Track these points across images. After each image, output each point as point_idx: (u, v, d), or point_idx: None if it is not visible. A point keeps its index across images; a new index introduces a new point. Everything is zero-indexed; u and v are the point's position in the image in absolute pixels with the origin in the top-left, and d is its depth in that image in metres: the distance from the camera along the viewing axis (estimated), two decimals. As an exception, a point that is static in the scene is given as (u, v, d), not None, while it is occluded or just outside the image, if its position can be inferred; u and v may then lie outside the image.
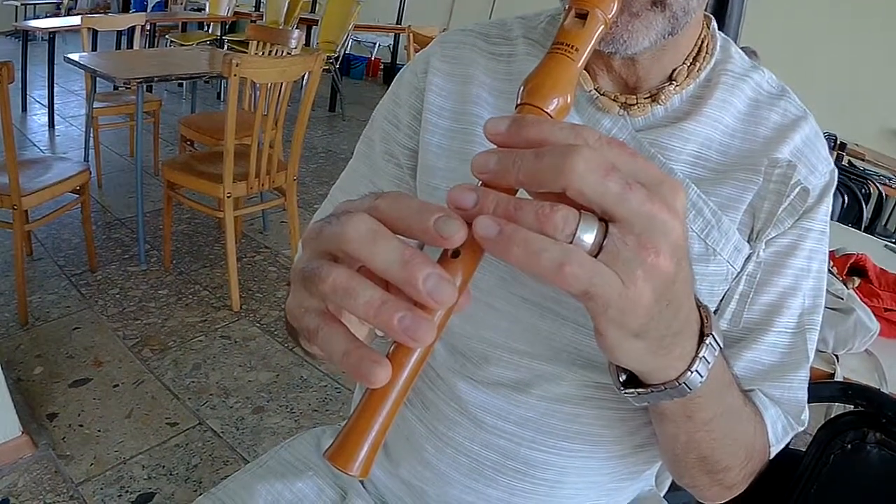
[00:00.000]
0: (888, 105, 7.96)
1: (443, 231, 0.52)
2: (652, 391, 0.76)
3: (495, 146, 0.58)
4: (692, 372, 0.72)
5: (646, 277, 0.54)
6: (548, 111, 0.63)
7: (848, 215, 3.98)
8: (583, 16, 0.72)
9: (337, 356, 0.56)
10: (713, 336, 0.73)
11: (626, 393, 0.79)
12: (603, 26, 0.72)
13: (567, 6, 0.74)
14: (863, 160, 6.97)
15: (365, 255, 0.54)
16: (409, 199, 0.56)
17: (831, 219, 1.05)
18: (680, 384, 0.73)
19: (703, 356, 0.73)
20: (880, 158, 7.15)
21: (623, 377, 0.80)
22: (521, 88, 0.66)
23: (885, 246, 3.14)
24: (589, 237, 0.53)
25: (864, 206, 4.04)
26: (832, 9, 8.08)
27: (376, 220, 0.56)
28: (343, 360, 0.55)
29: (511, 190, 0.56)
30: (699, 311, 0.74)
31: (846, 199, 3.96)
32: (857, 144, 7.39)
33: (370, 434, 0.54)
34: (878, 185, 4.69)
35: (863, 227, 3.94)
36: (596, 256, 0.53)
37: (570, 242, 0.52)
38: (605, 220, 0.54)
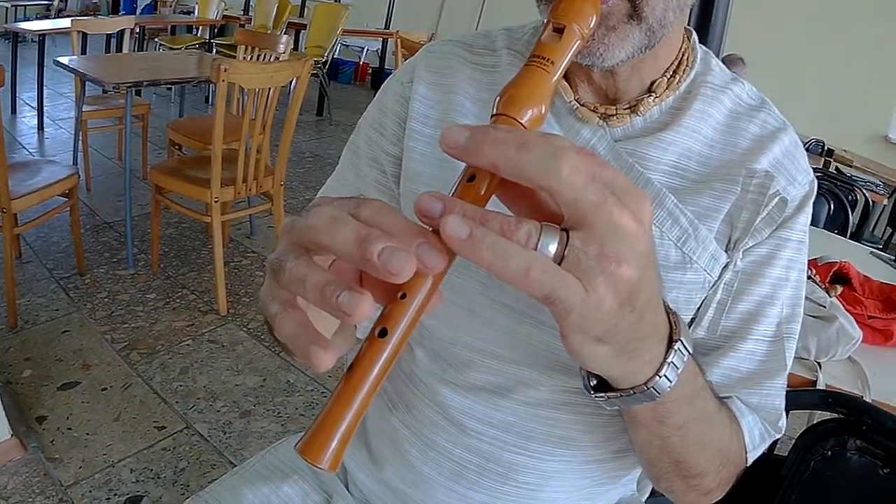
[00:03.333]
0: (876, 111, 8.01)
1: (425, 260, 0.53)
2: (621, 395, 0.77)
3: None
4: (660, 377, 0.74)
5: (607, 285, 0.55)
6: (522, 122, 0.64)
7: (834, 222, 3.99)
8: (560, 30, 0.73)
9: (289, 339, 0.58)
10: (682, 342, 0.75)
11: (596, 397, 0.81)
12: (579, 41, 0.73)
13: (546, 20, 0.76)
14: (850, 166, 6.99)
15: (327, 240, 0.56)
16: (392, 214, 0.57)
17: (817, 226, 1.06)
18: (648, 388, 0.74)
19: (672, 361, 0.74)
20: (868, 164, 7.17)
21: (594, 381, 0.82)
22: (497, 99, 0.67)
23: (871, 253, 3.16)
24: (551, 248, 0.54)
25: (850, 213, 4.06)
26: (820, 15, 8.11)
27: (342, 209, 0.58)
28: (293, 343, 0.57)
29: (480, 199, 0.58)
30: (668, 317, 0.75)
31: (832, 206, 3.97)
32: (844, 150, 7.41)
33: (339, 429, 0.55)
34: (864, 191, 4.71)
35: (849, 233, 3.95)
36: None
37: None
38: (565, 230, 0.55)
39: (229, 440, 3.18)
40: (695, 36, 1.10)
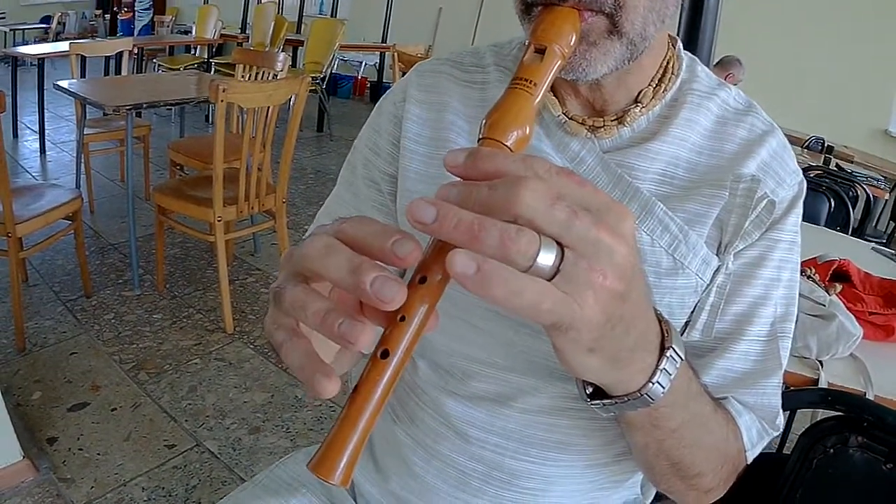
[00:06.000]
0: (876, 105, 8.00)
1: (398, 251, 0.56)
2: (616, 402, 0.80)
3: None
4: (653, 383, 0.76)
5: (596, 298, 0.57)
6: (507, 144, 0.67)
7: (835, 219, 3.98)
8: (541, 51, 0.75)
9: (295, 368, 0.60)
10: (673, 349, 0.77)
11: (592, 404, 0.83)
12: (560, 60, 0.76)
13: (527, 41, 0.78)
14: (851, 162, 6.98)
15: (321, 268, 0.58)
16: (370, 222, 0.60)
17: (818, 224, 1.07)
18: (642, 395, 0.76)
19: (664, 368, 0.76)
20: (869, 159, 7.16)
21: (589, 389, 0.84)
22: (483, 122, 0.70)
23: (873, 248, 3.16)
24: (547, 260, 0.55)
25: (850, 210, 4.05)
26: (817, 11, 8.11)
27: (335, 238, 0.60)
28: (298, 372, 0.60)
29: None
30: (660, 325, 0.78)
31: (833, 203, 3.97)
32: (845, 146, 7.41)
33: (348, 446, 0.58)
34: (865, 187, 4.70)
35: (850, 230, 3.94)
36: (552, 278, 0.56)
37: (531, 266, 0.55)
38: (561, 245, 0.57)
39: (239, 457, 3.19)
40: (679, 43, 1.11)
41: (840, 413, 1.59)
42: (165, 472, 3.06)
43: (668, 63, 1.07)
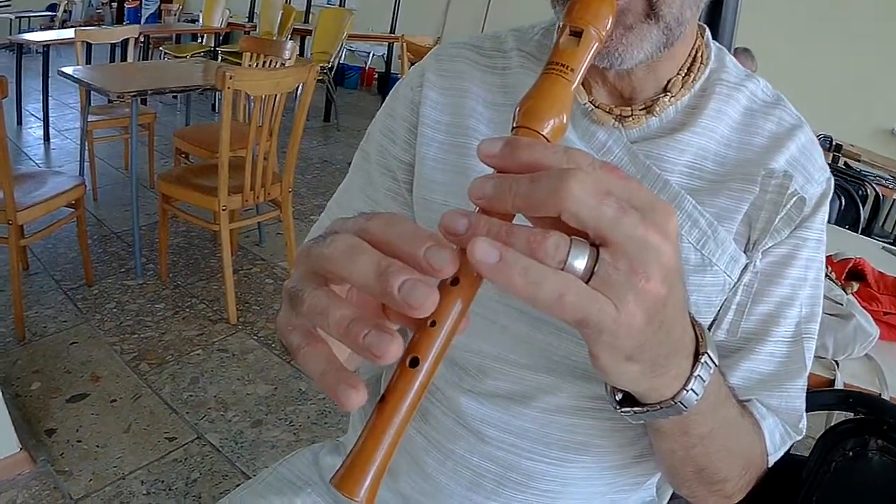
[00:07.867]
0: (882, 105, 7.99)
1: (433, 262, 0.52)
2: (648, 410, 0.76)
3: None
4: (688, 391, 0.73)
5: (637, 301, 0.54)
6: (543, 133, 0.63)
7: (845, 218, 3.97)
8: (577, 34, 0.71)
9: (315, 376, 0.56)
10: (708, 354, 0.74)
11: (622, 412, 0.80)
12: (597, 44, 0.72)
13: (561, 24, 0.74)
14: (859, 161, 6.97)
15: (345, 272, 0.54)
16: (401, 223, 0.56)
17: (829, 222, 1.04)
18: (676, 403, 0.73)
19: (699, 375, 0.73)
20: (876, 159, 7.15)
21: (619, 396, 0.81)
22: (517, 109, 0.65)
23: (883, 248, 3.14)
24: (580, 263, 0.53)
25: (861, 209, 4.04)
26: (824, 10, 8.10)
27: (360, 238, 0.56)
28: (320, 380, 0.56)
29: (508, 216, 0.56)
30: (694, 329, 0.74)
31: (843, 201, 3.96)
32: (852, 145, 7.39)
33: (374, 462, 0.54)
34: (874, 186, 4.69)
35: (860, 229, 3.93)
36: (587, 282, 0.53)
37: (562, 269, 0.52)
38: (595, 246, 0.54)
39: (241, 450, 3.17)
40: (708, 32, 1.08)
41: (859, 415, 1.56)
42: (166, 465, 3.04)
43: (696, 52, 1.04)
